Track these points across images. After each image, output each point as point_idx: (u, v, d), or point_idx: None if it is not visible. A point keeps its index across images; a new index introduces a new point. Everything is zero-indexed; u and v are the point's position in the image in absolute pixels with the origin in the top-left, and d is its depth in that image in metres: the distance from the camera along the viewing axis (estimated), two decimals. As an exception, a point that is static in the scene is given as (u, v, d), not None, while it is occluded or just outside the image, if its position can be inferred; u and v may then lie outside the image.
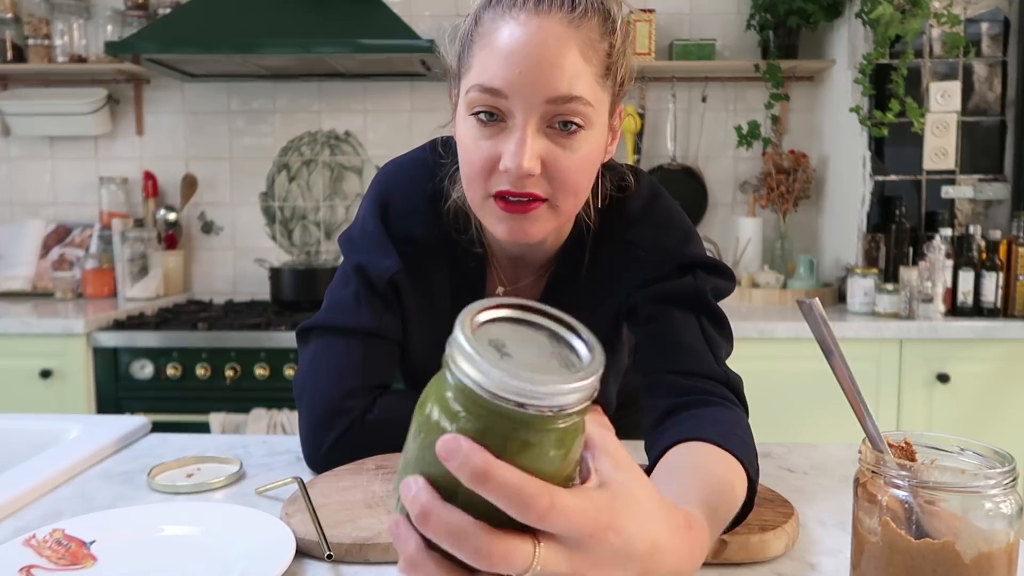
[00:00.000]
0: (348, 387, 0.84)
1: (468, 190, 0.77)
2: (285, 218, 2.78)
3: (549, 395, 0.37)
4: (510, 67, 0.69)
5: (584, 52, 0.71)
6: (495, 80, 0.70)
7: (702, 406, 0.73)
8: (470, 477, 0.37)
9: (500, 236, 0.76)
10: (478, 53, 0.73)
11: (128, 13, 2.60)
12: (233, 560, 0.63)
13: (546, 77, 0.69)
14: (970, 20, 2.42)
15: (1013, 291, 2.22)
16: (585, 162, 0.74)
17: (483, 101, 0.71)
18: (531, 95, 0.70)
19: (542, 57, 0.69)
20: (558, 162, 0.72)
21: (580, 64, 0.70)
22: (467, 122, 0.74)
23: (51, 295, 2.62)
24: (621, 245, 0.86)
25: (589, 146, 0.74)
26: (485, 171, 0.73)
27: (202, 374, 2.13)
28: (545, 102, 0.70)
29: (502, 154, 0.71)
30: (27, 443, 0.98)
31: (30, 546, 0.65)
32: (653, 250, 0.84)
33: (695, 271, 0.84)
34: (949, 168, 2.43)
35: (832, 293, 2.52)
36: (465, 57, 0.75)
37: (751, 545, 0.64)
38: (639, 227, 0.86)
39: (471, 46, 0.74)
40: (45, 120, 2.67)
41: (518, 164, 0.70)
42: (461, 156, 0.77)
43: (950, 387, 2.13)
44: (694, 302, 0.82)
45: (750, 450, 0.68)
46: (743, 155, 2.71)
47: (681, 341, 0.79)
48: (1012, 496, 0.48)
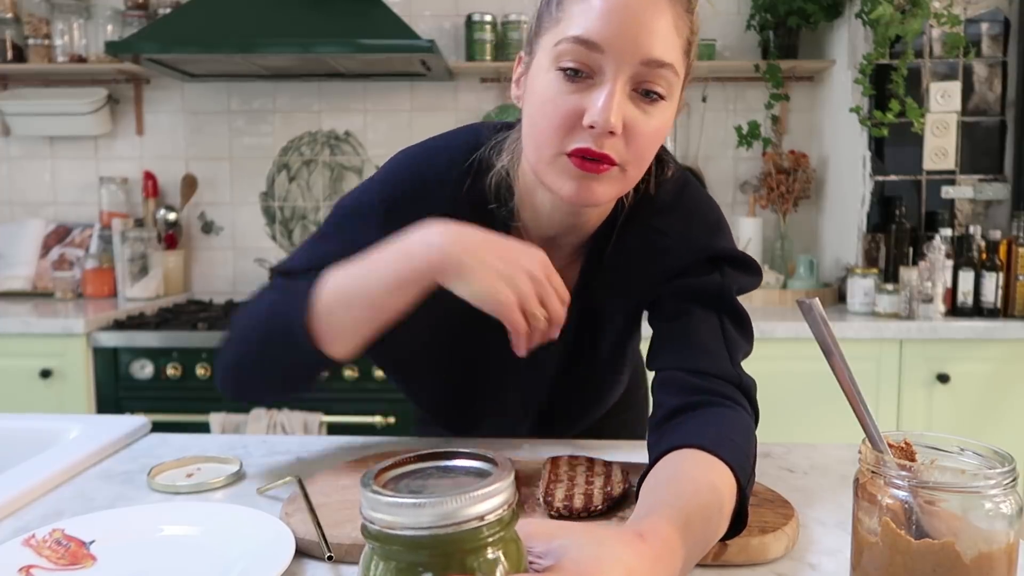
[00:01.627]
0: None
1: (538, 148, 0.74)
2: (285, 218, 2.78)
3: (473, 503, 0.38)
4: (610, 22, 0.68)
5: (676, 23, 0.71)
6: (592, 33, 0.69)
7: (707, 407, 0.73)
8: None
9: (565, 195, 0.74)
10: (571, 8, 0.71)
11: (128, 13, 2.60)
12: (233, 560, 0.63)
13: (644, 38, 0.69)
14: (970, 20, 2.42)
15: (1013, 291, 2.22)
16: (659, 133, 0.73)
17: (575, 54, 0.70)
18: (627, 53, 0.69)
19: (642, 17, 0.69)
20: (637, 127, 0.71)
21: (672, 34, 0.70)
22: (548, 76, 0.72)
23: (51, 295, 2.62)
24: (649, 232, 0.84)
25: (664, 118, 0.73)
26: (564, 127, 0.71)
27: (202, 374, 2.13)
28: (640, 63, 0.69)
29: (586, 110, 0.70)
30: (27, 443, 0.98)
31: (30, 546, 0.65)
32: (681, 240, 0.83)
33: (722, 267, 0.82)
34: (949, 168, 2.43)
35: (832, 293, 2.52)
36: (552, 11, 0.73)
37: (751, 547, 0.64)
38: (668, 215, 0.84)
39: (561, 1, 0.72)
40: (45, 120, 2.67)
41: (605, 118, 0.69)
42: (535, 111, 0.74)
43: (950, 387, 2.13)
44: (717, 300, 0.81)
45: (742, 456, 0.67)
46: (743, 155, 2.71)
47: (698, 340, 0.78)
48: (1012, 496, 0.48)
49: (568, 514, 0.68)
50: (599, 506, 0.68)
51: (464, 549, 0.39)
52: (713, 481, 0.62)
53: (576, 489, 0.72)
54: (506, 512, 0.40)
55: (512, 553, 0.41)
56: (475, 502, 0.38)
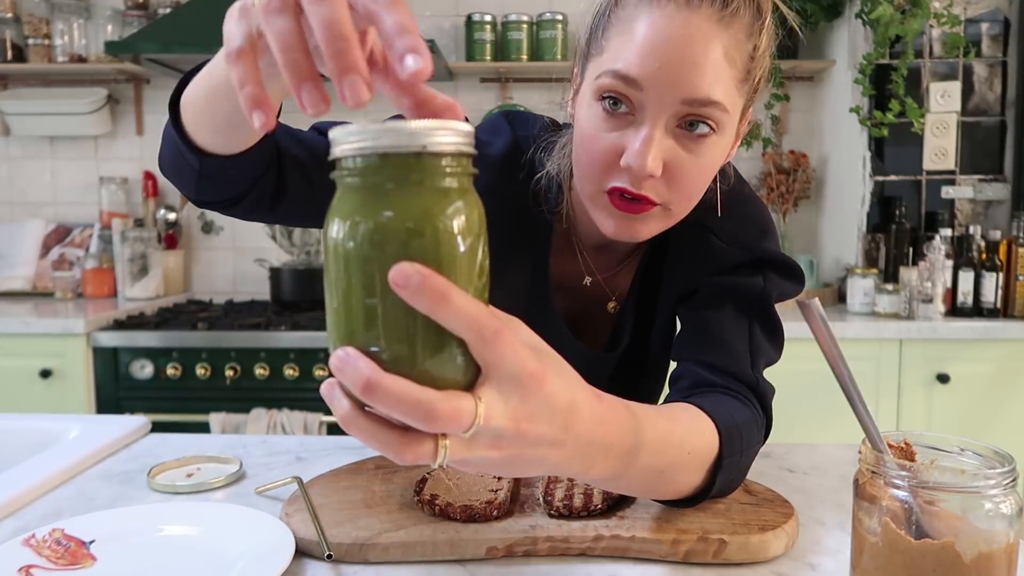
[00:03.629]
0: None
1: (582, 181, 0.73)
2: (285, 218, 2.77)
3: (432, 131, 0.38)
4: (650, 59, 0.65)
5: (728, 53, 0.66)
6: (632, 69, 0.65)
7: (716, 394, 0.72)
8: (429, 302, 0.37)
9: (608, 232, 0.72)
10: (615, 37, 0.68)
11: (128, 13, 2.60)
12: (233, 560, 0.63)
13: (687, 76, 0.65)
14: (970, 20, 2.42)
15: (1013, 291, 2.23)
16: (708, 169, 0.70)
17: (615, 88, 0.67)
18: (667, 92, 0.65)
19: (685, 54, 0.64)
20: (681, 167, 0.68)
21: (723, 66, 0.66)
22: (592, 109, 0.70)
23: (51, 295, 2.62)
24: (699, 231, 0.82)
25: (715, 152, 0.69)
26: (604, 164, 0.69)
27: (202, 374, 2.13)
28: (681, 102, 0.66)
29: (625, 148, 0.67)
30: (27, 443, 0.98)
31: (29, 546, 0.65)
32: (730, 241, 0.82)
33: (767, 272, 0.81)
34: (949, 168, 2.43)
35: (832, 293, 2.52)
36: (598, 38, 0.70)
37: (751, 545, 0.64)
38: (719, 215, 0.82)
39: (607, 28, 0.69)
40: (45, 120, 2.67)
41: (641, 164, 0.66)
42: (579, 143, 0.72)
43: (950, 387, 2.13)
44: (754, 305, 0.79)
45: (735, 434, 0.66)
46: (743, 155, 2.71)
47: (724, 338, 0.77)
48: (1012, 496, 0.48)
49: (568, 513, 0.68)
50: (599, 505, 0.68)
51: (425, 181, 0.39)
52: (694, 427, 0.62)
53: (576, 489, 0.72)
54: (466, 148, 0.40)
55: (473, 217, 0.41)
56: (435, 131, 0.38)
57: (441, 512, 0.67)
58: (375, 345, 0.39)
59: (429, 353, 0.39)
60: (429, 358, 0.39)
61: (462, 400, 0.40)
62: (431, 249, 0.39)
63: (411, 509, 0.70)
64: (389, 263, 0.38)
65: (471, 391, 0.41)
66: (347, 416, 0.40)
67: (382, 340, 0.39)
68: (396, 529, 0.66)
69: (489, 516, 0.67)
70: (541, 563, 0.64)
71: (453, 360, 0.40)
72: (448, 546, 0.64)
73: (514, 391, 0.42)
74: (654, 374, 0.96)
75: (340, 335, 0.40)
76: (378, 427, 0.40)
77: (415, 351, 0.39)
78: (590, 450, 0.48)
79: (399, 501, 0.72)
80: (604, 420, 0.49)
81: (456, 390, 0.40)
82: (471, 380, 0.41)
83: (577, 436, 0.46)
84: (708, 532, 0.64)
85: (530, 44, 2.60)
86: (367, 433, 0.40)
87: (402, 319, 0.39)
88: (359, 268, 0.39)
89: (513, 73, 2.67)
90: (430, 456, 0.40)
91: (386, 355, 0.39)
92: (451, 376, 0.40)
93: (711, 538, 0.64)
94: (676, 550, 0.64)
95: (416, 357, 0.39)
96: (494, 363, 0.41)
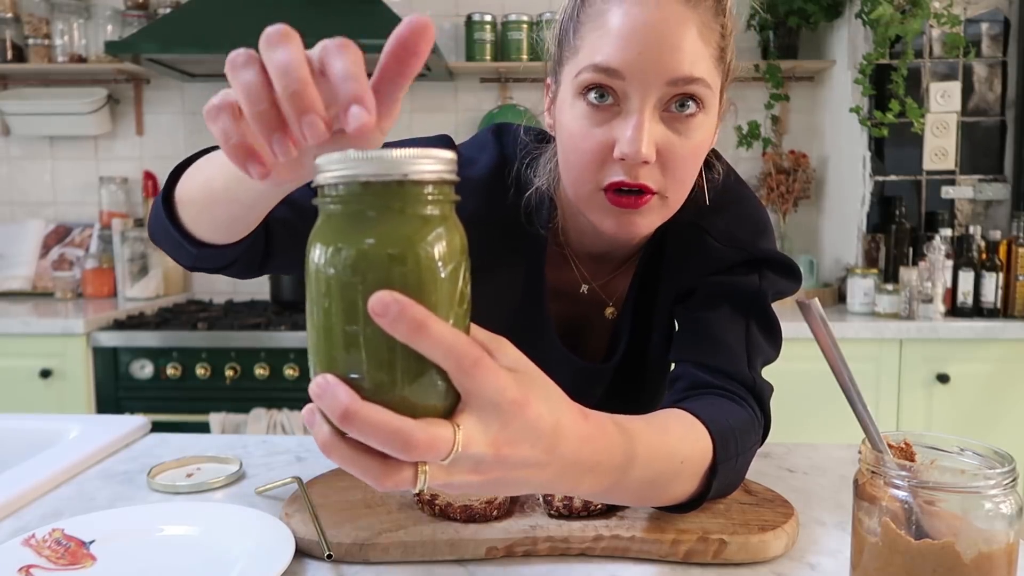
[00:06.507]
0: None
1: (574, 184, 0.72)
2: (285, 218, 2.77)
3: (415, 160, 0.39)
4: (630, 47, 0.65)
5: (702, 32, 0.67)
6: (612, 60, 0.66)
7: (711, 396, 0.72)
8: (408, 331, 0.37)
9: (607, 231, 0.72)
10: (588, 35, 0.69)
11: (128, 13, 2.60)
12: (233, 560, 0.63)
13: (667, 57, 0.66)
14: (970, 20, 2.42)
15: (1013, 291, 2.23)
16: (698, 149, 0.70)
17: (598, 80, 0.67)
18: (651, 76, 0.66)
19: (663, 37, 0.65)
20: (673, 149, 0.68)
21: (699, 45, 0.67)
22: (575, 108, 0.70)
23: (51, 295, 2.62)
24: (694, 231, 0.82)
25: (703, 132, 0.70)
26: (596, 161, 0.69)
27: (202, 374, 2.13)
28: (665, 83, 0.66)
29: (616, 141, 0.67)
30: (27, 443, 0.98)
31: (29, 546, 0.65)
32: (726, 240, 0.81)
33: (763, 270, 0.81)
34: (949, 168, 2.43)
35: (832, 293, 2.52)
36: (570, 40, 0.71)
37: (751, 545, 0.64)
38: (713, 215, 0.82)
39: (579, 28, 0.70)
40: (45, 120, 2.67)
41: (636, 150, 0.66)
42: (566, 146, 0.72)
43: (950, 387, 2.13)
44: (750, 304, 0.79)
45: (730, 439, 0.66)
46: (743, 155, 2.71)
47: (720, 338, 0.77)
48: (1012, 496, 0.48)
49: (568, 513, 0.68)
50: (599, 505, 0.69)
51: (406, 209, 0.39)
52: (686, 435, 0.62)
53: (576, 489, 0.72)
54: (448, 176, 0.40)
55: (454, 244, 0.41)
56: (417, 159, 0.39)
57: (441, 512, 0.67)
58: (355, 371, 0.39)
59: (409, 380, 0.39)
60: (409, 385, 0.39)
61: (440, 428, 0.39)
62: (412, 276, 0.39)
63: (411, 509, 0.70)
64: (370, 290, 0.38)
65: (452, 417, 0.41)
66: (327, 442, 0.40)
67: (362, 366, 0.39)
68: (396, 529, 0.66)
69: (489, 516, 0.67)
70: (541, 563, 0.64)
71: (434, 387, 0.40)
72: (448, 546, 0.64)
73: (495, 418, 0.42)
74: (654, 381, 0.95)
75: (321, 360, 0.40)
76: (358, 454, 0.40)
77: (395, 378, 0.39)
78: (577, 470, 0.48)
79: (399, 501, 0.72)
80: (591, 439, 0.49)
81: (437, 416, 0.40)
82: (452, 405, 0.41)
83: (563, 457, 0.46)
84: (708, 532, 0.64)
85: (530, 44, 2.60)
86: (347, 460, 0.40)
87: (382, 346, 0.39)
88: (340, 294, 0.39)
89: (513, 73, 2.67)
90: (410, 483, 0.40)
91: (366, 382, 0.39)
92: (432, 403, 0.40)
93: (711, 538, 0.64)
94: (676, 550, 0.64)
95: (396, 384, 0.39)
96: (473, 391, 0.41)
